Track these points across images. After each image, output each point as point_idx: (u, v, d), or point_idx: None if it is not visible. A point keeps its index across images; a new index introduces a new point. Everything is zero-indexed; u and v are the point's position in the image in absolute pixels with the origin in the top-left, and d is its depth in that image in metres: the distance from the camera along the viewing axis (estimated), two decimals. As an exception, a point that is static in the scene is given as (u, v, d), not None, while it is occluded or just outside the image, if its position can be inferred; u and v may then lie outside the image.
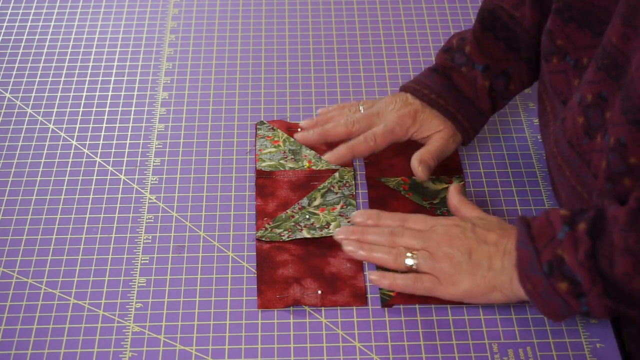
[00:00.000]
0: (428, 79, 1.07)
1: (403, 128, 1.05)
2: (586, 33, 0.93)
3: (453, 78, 1.07)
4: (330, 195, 1.05)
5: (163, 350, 0.92)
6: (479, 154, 1.12)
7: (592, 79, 0.88)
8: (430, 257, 0.93)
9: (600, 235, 0.83)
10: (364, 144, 1.06)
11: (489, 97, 1.06)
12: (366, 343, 0.92)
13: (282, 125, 1.15)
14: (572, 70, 0.95)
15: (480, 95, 1.06)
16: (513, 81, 1.07)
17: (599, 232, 0.83)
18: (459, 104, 1.06)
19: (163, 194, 1.07)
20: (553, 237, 0.85)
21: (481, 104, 1.06)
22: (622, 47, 0.84)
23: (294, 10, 1.33)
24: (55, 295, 0.96)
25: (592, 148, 0.89)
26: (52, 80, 1.22)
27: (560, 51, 0.96)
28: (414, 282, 0.93)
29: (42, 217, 1.04)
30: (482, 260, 0.91)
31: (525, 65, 1.07)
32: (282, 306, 0.95)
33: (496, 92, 1.07)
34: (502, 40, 1.06)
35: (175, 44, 1.28)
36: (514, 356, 0.91)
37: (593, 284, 0.82)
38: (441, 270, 0.92)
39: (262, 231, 1.02)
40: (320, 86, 1.21)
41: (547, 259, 0.85)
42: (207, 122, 1.16)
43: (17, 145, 1.13)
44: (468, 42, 1.07)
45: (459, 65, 1.07)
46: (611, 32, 0.85)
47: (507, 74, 1.07)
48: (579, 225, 0.84)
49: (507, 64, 1.07)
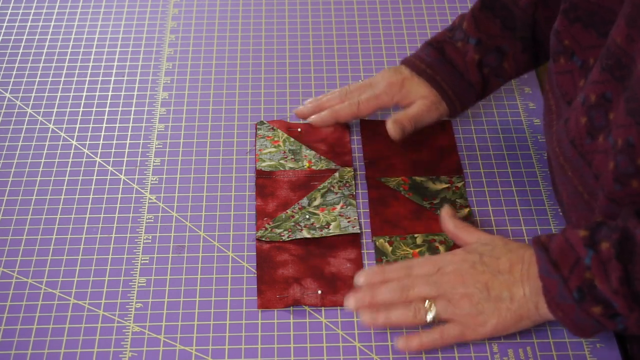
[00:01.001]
0: (422, 52, 1.12)
1: (389, 95, 1.10)
2: (591, 33, 0.92)
3: (445, 51, 1.10)
4: (330, 195, 1.05)
5: (163, 350, 0.92)
6: (479, 154, 1.12)
7: (597, 79, 0.88)
8: (449, 303, 0.89)
9: (631, 258, 0.81)
10: (347, 108, 1.11)
11: (479, 70, 1.09)
12: (366, 343, 0.92)
13: (282, 125, 1.15)
14: (578, 70, 0.94)
15: (469, 67, 1.09)
16: (507, 59, 1.09)
17: (629, 255, 0.81)
18: (447, 75, 1.09)
19: (163, 194, 1.07)
20: (577, 261, 0.83)
21: (470, 76, 1.09)
22: (626, 47, 0.84)
23: (294, 10, 1.33)
24: (55, 295, 0.96)
25: (595, 149, 0.89)
26: (52, 80, 1.22)
27: (567, 51, 0.95)
28: (441, 335, 0.89)
29: (42, 217, 1.04)
30: (502, 292, 0.88)
31: (521, 44, 1.09)
32: (282, 306, 0.95)
33: (489, 68, 1.09)
34: (499, 18, 1.09)
35: (175, 44, 1.28)
36: (514, 356, 0.91)
37: (630, 310, 0.81)
38: (463, 313, 0.89)
39: (262, 231, 1.02)
40: (320, 86, 1.21)
41: (577, 284, 0.83)
42: (207, 122, 1.16)
43: (17, 145, 1.13)
44: (466, 19, 1.10)
45: (455, 41, 1.10)
46: (615, 33, 0.85)
47: (501, 50, 1.09)
48: (601, 245, 0.82)
49: (501, 41, 1.09)
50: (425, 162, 1.10)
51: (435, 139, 1.13)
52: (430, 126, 1.14)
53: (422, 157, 1.11)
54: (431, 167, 1.10)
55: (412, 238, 1.02)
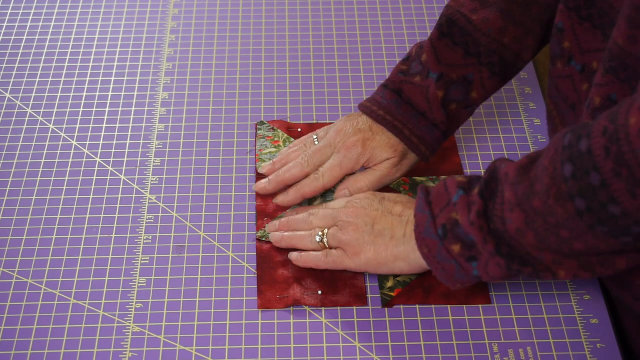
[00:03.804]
0: (379, 95, 1.04)
1: (351, 161, 1.02)
2: (597, 35, 0.91)
3: (403, 92, 1.03)
4: (330, 195, 1.05)
5: (163, 350, 0.92)
6: (479, 154, 1.12)
7: (600, 81, 0.87)
8: (338, 230, 0.95)
9: (492, 195, 0.85)
10: (312, 184, 1.02)
11: (443, 108, 1.02)
12: (366, 343, 0.92)
13: (282, 125, 1.15)
14: (578, 74, 0.94)
15: (432, 106, 1.02)
16: (475, 88, 1.04)
17: (491, 192, 0.85)
18: (407, 119, 1.02)
19: (163, 194, 1.07)
20: (448, 201, 0.88)
21: (434, 115, 1.02)
22: (629, 48, 0.84)
23: (294, 10, 1.33)
24: (55, 295, 0.96)
25: None
26: (52, 80, 1.21)
27: (565, 55, 0.95)
28: (324, 256, 0.96)
29: (42, 217, 1.04)
30: (384, 229, 0.93)
31: (487, 70, 1.03)
32: (282, 306, 0.95)
33: (455, 102, 1.03)
34: (460, 46, 1.02)
35: (175, 44, 1.28)
36: (514, 356, 0.91)
37: (485, 242, 0.84)
38: (346, 241, 0.95)
39: (262, 231, 1.02)
40: (320, 86, 1.21)
41: (442, 222, 0.88)
42: (207, 122, 1.16)
43: (17, 145, 1.13)
44: (425, 50, 1.03)
45: (412, 75, 1.03)
46: (617, 34, 0.85)
47: (467, 80, 1.03)
48: (473, 189, 0.87)
49: (465, 70, 1.03)
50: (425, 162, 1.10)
51: (435, 139, 1.13)
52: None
53: (422, 157, 1.11)
54: (431, 167, 1.10)
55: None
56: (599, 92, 0.87)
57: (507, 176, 0.83)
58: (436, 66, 1.02)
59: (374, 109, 1.03)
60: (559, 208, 0.79)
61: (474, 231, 0.85)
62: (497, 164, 0.86)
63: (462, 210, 0.86)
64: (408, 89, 1.03)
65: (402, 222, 0.93)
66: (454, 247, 0.87)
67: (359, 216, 0.95)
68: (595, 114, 0.88)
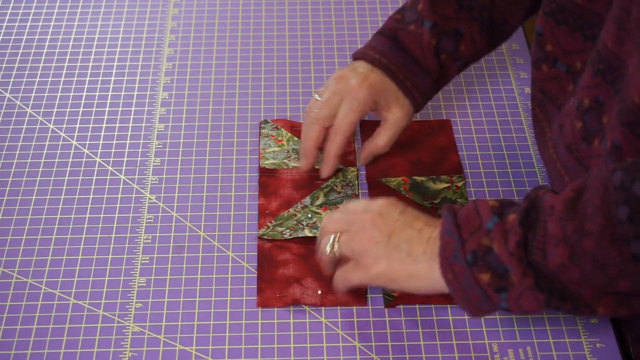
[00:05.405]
0: (374, 41, 1.07)
1: (361, 103, 1.04)
2: (576, 37, 0.92)
3: (399, 38, 1.05)
4: (333, 195, 1.05)
5: (163, 350, 0.92)
6: (479, 154, 1.12)
7: (589, 83, 0.88)
8: (351, 239, 0.89)
9: (533, 226, 0.80)
10: (335, 141, 1.04)
11: (436, 56, 1.05)
12: (366, 343, 0.92)
13: (286, 124, 1.15)
14: (564, 75, 0.94)
15: (426, 53, 1.04)
16: (464, 41, 1.05)
17: (532, 222, 0.80)
18: (402, 63, 1.05)
19: (163, 194, 1.07)
20: (480, 226, 0.82)
21: (428, 62, 1.05)
22: (616, 50, 0.84)
23: (294, 10, 1.33)
24: (55, 295, 0.96)
25: (590, 153, 0.89)
26: (52, 80, 1.22)
27: (549, 58, 0.95)
28: (343, 272, 0.91)
29: (42, 217, 1.04)
30: (401, 244, 0.87)
31: (478, 25, 1.05)
32: (282, 305, 0.95)
33: (446, 53, 1.05)
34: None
35: (175, 44, 1.28)
36: (514, 356, 0.91)
37: (524, 275, 0.80)
38: (359, 250, 0.88)
39: (264, 229, 1.02)
40: (320, 86, 1.21)
41: (472, 248, 0.82)
42: (207, 122, 1.16)
43: (17, 145, 1.13)
44: (421, 0, 1.05)
45: (407, 24, 1.05)
46: (606, 37, 0.85)
47: (458, 32, 1.05)
48: (508, 216, 0.81)
49: (457, 23, 1.05)
50: (426, 162, 1.10)
51: (435, 139, 1.13)
52: (430, 126, 1.14)
53: (423, 157, 1.11)
54: (431, 167, 1.10)
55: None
56: (587, 94, 0.87)
57: (554, 209, 0.79)
58: (431, 15, 1.04)
59: (370, 52, 1.06)
60: (614, 251, 0.76)
61: (514, 262, 0.80)
62: (539, 194, 0.82)
63: (499, 239, 0.80)
64: (404, 35, 1.05)
65: (423, 239, 0.86)
66: (483, 275, 0.81)
67: (376, 227, 0.88)
68: (585, 115, 0.88)
